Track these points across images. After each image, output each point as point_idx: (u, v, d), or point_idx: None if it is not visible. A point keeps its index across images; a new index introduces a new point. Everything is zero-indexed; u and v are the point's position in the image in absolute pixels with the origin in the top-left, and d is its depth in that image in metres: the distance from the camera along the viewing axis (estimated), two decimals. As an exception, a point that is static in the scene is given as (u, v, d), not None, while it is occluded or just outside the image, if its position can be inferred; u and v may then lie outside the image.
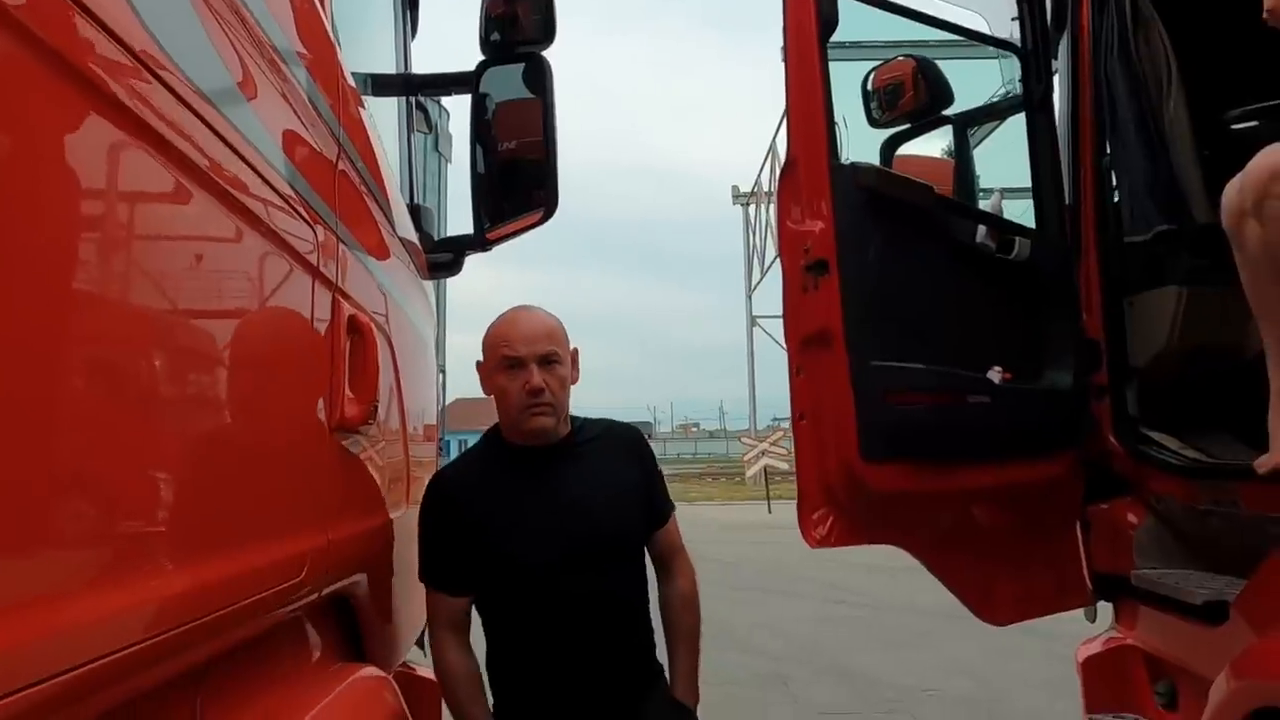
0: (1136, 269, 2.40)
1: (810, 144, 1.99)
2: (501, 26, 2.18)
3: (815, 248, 1.95)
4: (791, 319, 2.00)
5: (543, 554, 1.72)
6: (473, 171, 2.25)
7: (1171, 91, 2.34)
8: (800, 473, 2.04)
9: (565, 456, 1.81)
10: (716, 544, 13.08)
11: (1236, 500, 2.06)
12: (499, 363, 1.77)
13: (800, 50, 1.99)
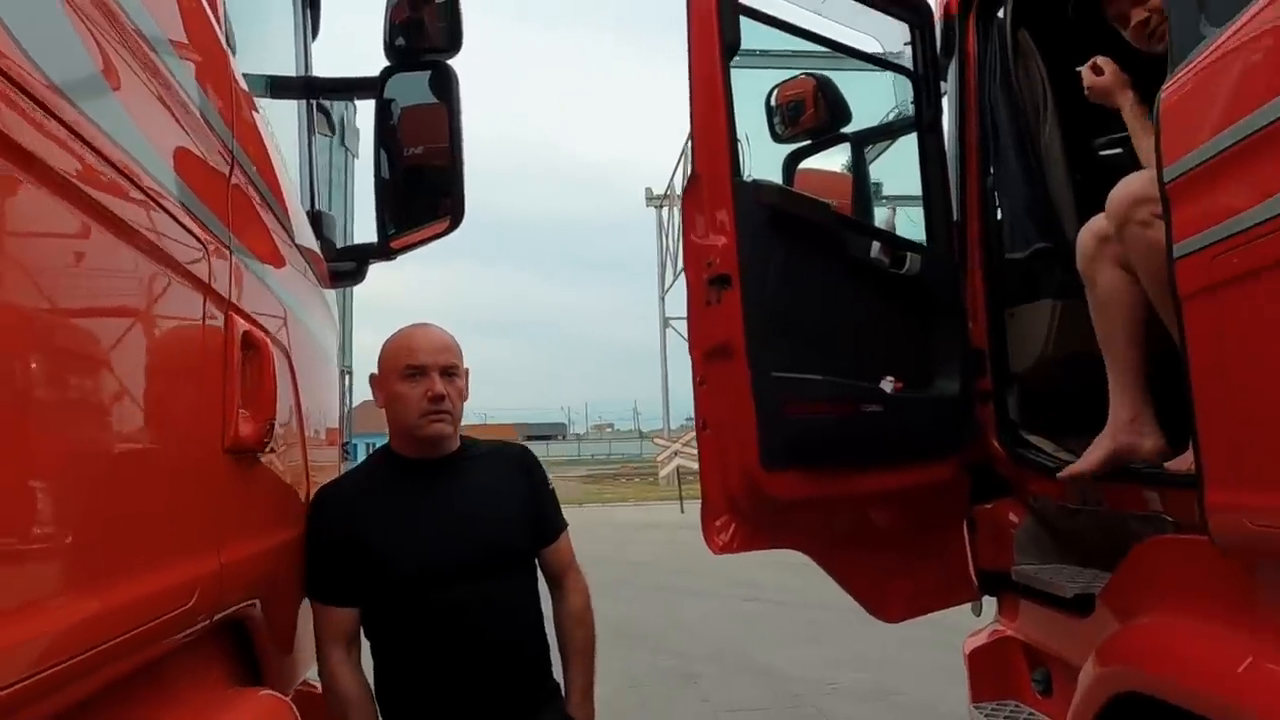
0: (1016, 283, 2.56)
1: (714, 161, 2.05)
2: (407, 32, 2.15)
3: (718, 262, 2.01)
4: (695, 331, 2.06)
5: (425, 565, 1.73)
6: (376, 178, 2.21)
7: (1047, 118, 2.51)
8: (704, 481, 2.10)
9: (453, 470, 1.84)
10: (630, 545, 13.17)
11: (1101, 500, 2.23)
12: (401, 371, 1.80)
13: (704, 71, 2.05)
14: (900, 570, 2.56)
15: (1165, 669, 1.60)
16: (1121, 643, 1.76)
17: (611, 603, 8.48)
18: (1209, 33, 1.47)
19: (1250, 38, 1.36)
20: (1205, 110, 1.47)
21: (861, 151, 2.90)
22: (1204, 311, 1.48)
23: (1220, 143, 1.40)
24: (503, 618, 1.78)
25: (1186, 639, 1.61)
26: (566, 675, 1.89)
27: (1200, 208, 1.46)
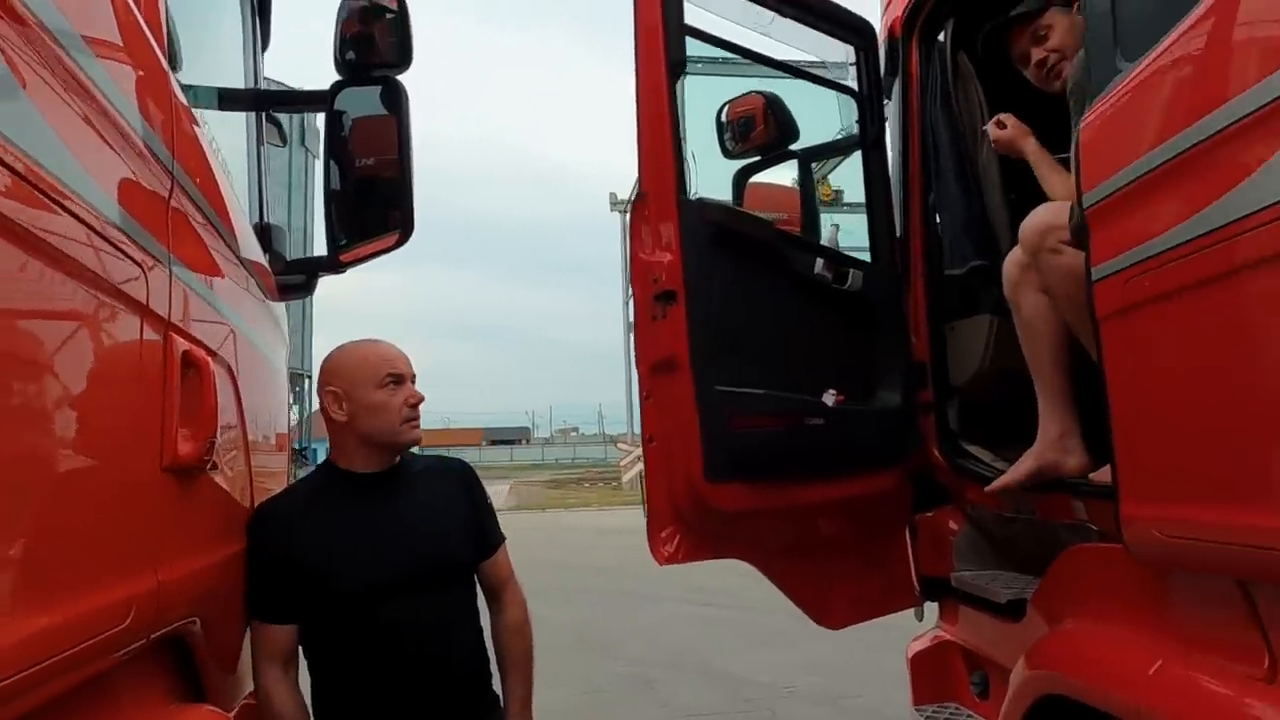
0: (955, 298, 2.65)
1: (660, 179, 2.09)
2: (357, 46, 2.17)
3: (664, 278, 2.05)
4: (642, 346, 2.10)
5: (364, 579, 1.74)
6: (326, 190, 2.22)
7: (984, 140, 2.60)
8: (650, 493, 2.14)
9: (394, 485, 1.86)
10: (591, 550, 13.16)
11: (1034, 509, 2.31)
12: (381, 380, 1.83)
13: (650, 90, 2.09)
14: (843, 577, 2.62)
15: (1082, 673, 1.67)
16: (1045, 647, 1.83)
17: (573, 609, 8.51)
18: (1123, 67, 1.55)
19: (1160, 72, 1.44)
20: (1120, 141, 1.55)
21: (809, 168, 2.97)
22: (1120, 332, 1.56)
23: (1133, 172, 1.47)
24: (442, 631, 1.80)
25: (1102, 644, 1.69)
26: (505, 687, 1.91)
27: (1116, 233, 1.54)
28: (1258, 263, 1.20)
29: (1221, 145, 1.26)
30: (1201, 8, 1.31)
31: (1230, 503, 1.30)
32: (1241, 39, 1.26)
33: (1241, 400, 1.27)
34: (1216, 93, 1.27)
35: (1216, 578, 1.42)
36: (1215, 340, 1.32)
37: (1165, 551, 1.49)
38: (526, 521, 18.52)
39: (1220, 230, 1.26)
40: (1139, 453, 1.52)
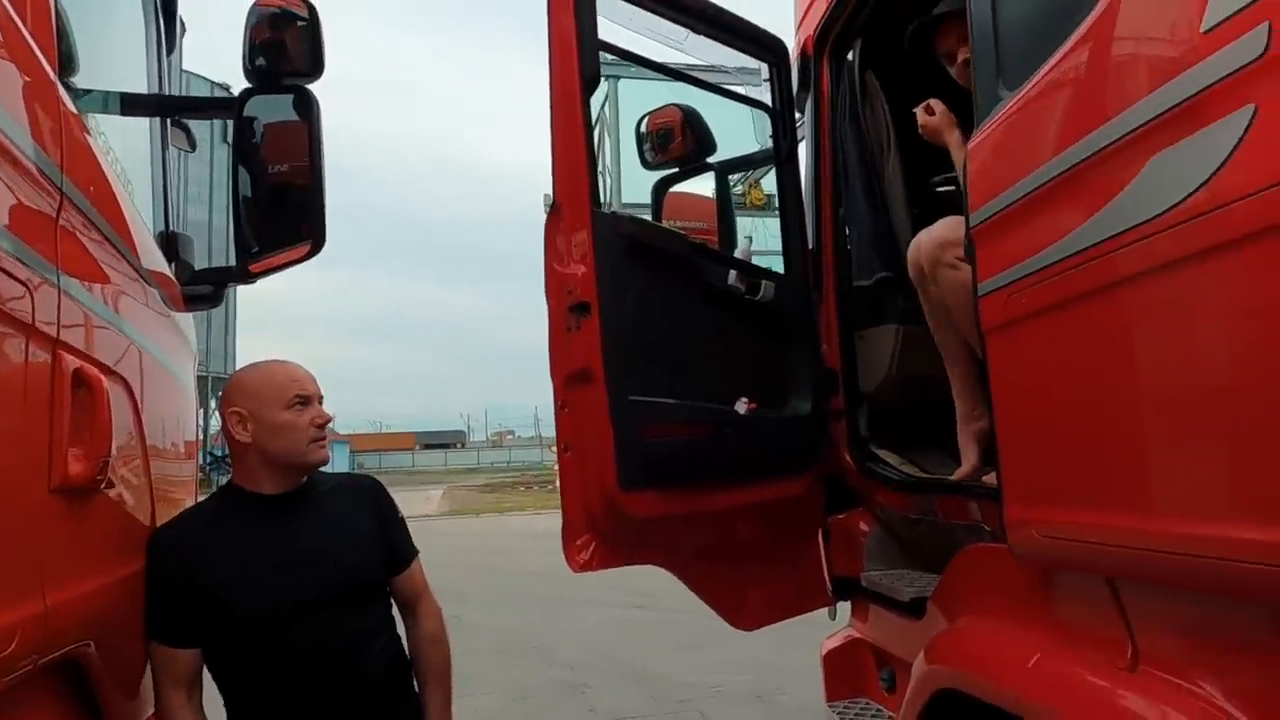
0: (864, 308, 2.75)
1: (574, 192, 2.12)
2: (267, 54, 2.13)
3: (578, 290, 2.08)
4: (556, 357, 2.12)
5: (273, 601, 1.72)
6: (236, 197, 2.18)
7: (890, 156, 2.71)
8: (565, 501, 2.16)
9: (301, 505, 1.84)
10: (525, 554, 13.09)
11: (936, 510, 2.42)
12: (290, 401, 1.81)
13: (564, 105, 2.12)
14: (758, 579, 2.69)
15: (970, 667, 1.76)
16: (940, 643, 1.92)
17: (506, 614, 8.46)
18: (1004, 95, 1.65)
19: (1037, 100, 1.53)
20: (1000, 165, 1.64)
21: (726, 180, 3.04)
22: (1003, 345, 1.65)
23: (1012, 195, 1.57)
24: (358, 648, 1.79)
25: (989, 639, 1.79)
26: (423, 698, 1.91)
27: (999, 251, 1.63)
28: (1123, 280, 1.30)
29: (1088, 171, 1.35)
30: (1070, 42, 1.41)
31: (1098, 506, 1.39)
32: (1107, 73, 1.36)
33: (1108, 411, 1.36)
34: (1083, 123, 1.36)
35: (1089, 576, 1.52)
36: (1085, 353, 1.41)
37: (1044, 551, 1.59)
38: (461, 527, 18.30)
39: (1089, 250, 1.35)
40: (1020, 459, 1.62)
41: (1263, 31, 1.01)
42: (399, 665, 1.89)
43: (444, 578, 2.02)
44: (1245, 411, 1.11)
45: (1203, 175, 1.11)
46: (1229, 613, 1.24)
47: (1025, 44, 1.61)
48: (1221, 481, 1.17)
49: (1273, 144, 1.01)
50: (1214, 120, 1.09)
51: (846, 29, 2.75)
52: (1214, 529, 1.15)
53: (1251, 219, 1.04)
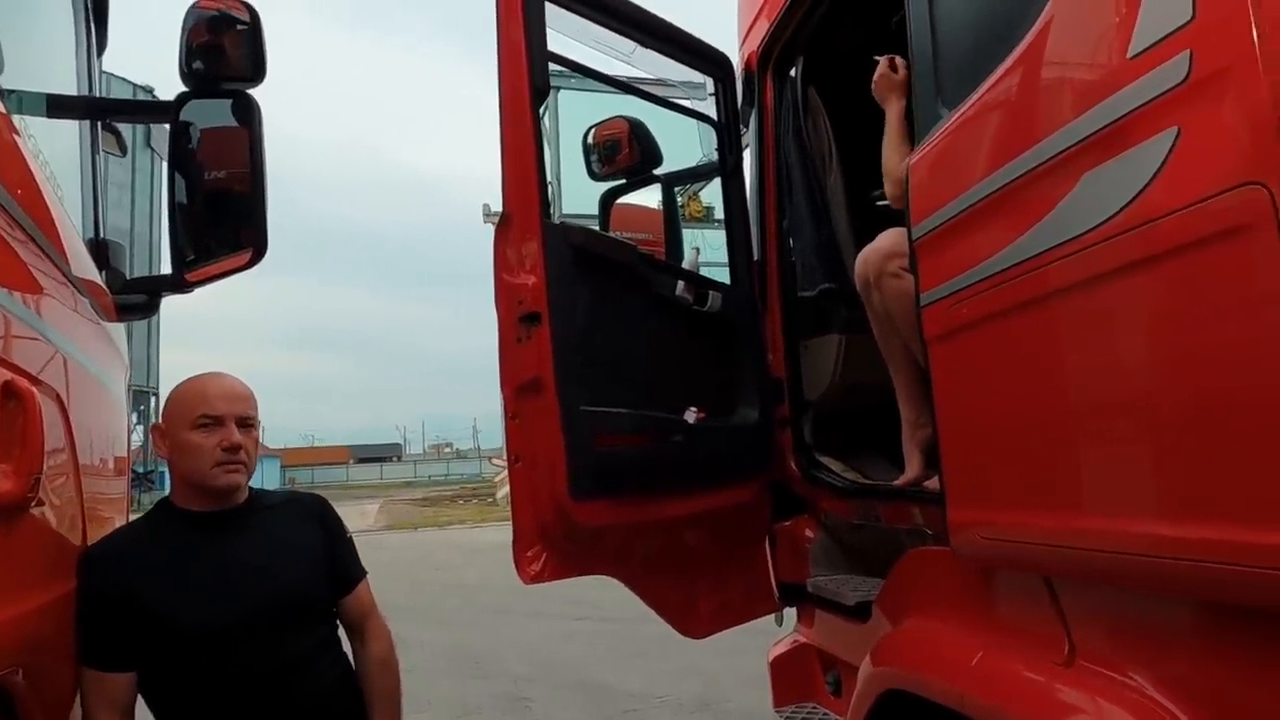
0: (808, 318, 2.81)
1: (524, 202, 2.12)
2: (205, 57, 2.07)
3: (528, 300, 2.08)
4: (506, 367, 2.11)
5: (211, 622, 1.66)
6: (172, 204, 2.11)
7: (832, 169, 2.78)
8: (515, 513, 2.15)
9: (241, 523, 1.78)
10: (465, 568, 12.90)
11: (880, 516, 2.48)
12: (195, 420, 1.72)
13: (514, 116, 2.12)
14: (707, 587, 2.71)
15: (915, 667, 1.81)
16: (885, 645, 1.97)
17: (447, 629, 8.32)
18: (944, 113, 1.72)
19: (975, 119, 1.59)
20: (941, 179, 1.71)
21: (673, 191, 3.07)
22: (944, 353, 1.71)
23: (953, 208, 1.63)
24: (301, 671, 1.74)
25: (933, 639, 1.84)
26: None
27: (940, 263, 1.69)
28: (1057, 292, 1.36)
29: (1024, 187, 1.41)
30: (1007, 64, 1.47)
31: (1035, 508, 1.45)
32: (1041, 94, 1.43)
33: (1044, 416, 1.43)
34: (1019, 141, 1.43)
35: (1027, 575, 1.58)
36: (1022, 362, 1.48)
37: (986, 552, 1.64)
38: (398, 541, 17.93)
39: (1025, 262, 1.41)
40: (962, 463, 1.67)
41: (1184, 59, 1.08)
42: (345, 686, 1.84)
43: (381, 593, 1.98)
44: (1169, 415, 1.17)
45: (1131, 193, 1.17)
46: (1156, 607, 1.31)
47: (963, 65, 1.67)
48: (1147, 483, 1.24)
49: (1195, 164, 1.08)
50: (1141, 141, 1.15)
51: (789, 46, 2.82)
52: (1140, 528, 1.21)
53: (1176, 234, 1.11)
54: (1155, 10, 1.12)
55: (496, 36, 2.14)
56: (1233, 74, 1.02)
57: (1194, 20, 1.07)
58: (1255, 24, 1.00)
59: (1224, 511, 1.08)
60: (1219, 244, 1.05)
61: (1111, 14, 1.23)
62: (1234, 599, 1.14)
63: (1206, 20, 1.06)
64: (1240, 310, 1.04)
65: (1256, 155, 0.99)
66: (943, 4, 1.73)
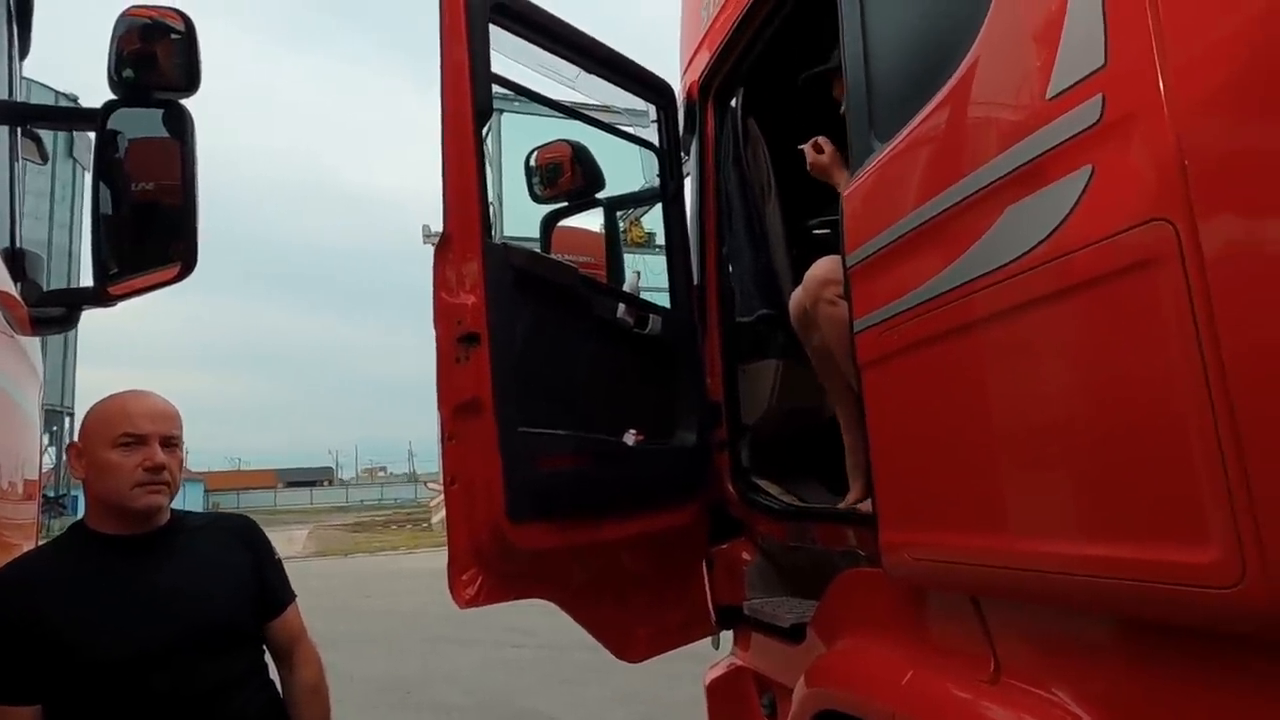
0: (746, 343, 2.85)
1: (464, 222, 2.11)
2: (136, 65, 2.02)
3: (467, 321, 2.06)
4: (444, 388, 2.08)
5: (126, 649, 1.59)
6: (95, 216, 2.04)
7: (771, 198, 2.85)
8: (451, 536, 2.11)
9: (163, 546, 1.72)
10: (398, 595, 12.59)
11: (814, 538, 2.52)
12: (115, 439, 1.65)
13: (456, 136, 2.11)
14: (644, 611, 2.71)
15: (847, 687, 1.84)
16: (819, 666, 2.00)
17: (379, 659, 8.09)
18: (877, 146, 1.78)
19: (906, 153, 1.65)
20: (874, 210, 1.76)
21: (614, 215, 3.10)
22: (876, 378, 1.76)
23: (885, 238, 1.68)
24: (223, 699, 1.67)
25: (865, 660, 1.87)
26: None
27: (872, 290, 1.74)
28: (981, 320, 1.41)
29: (951, 219, 1.47)
30: (935, 101, 1.54)
31: (962, 529, 1.50)
32: (967, 131, 1.49)
33: (969, 440, 1.47)
34: (946, 175, 1.48)
35: (955, 595, 1.62)
36: (948, 387, 1.53)
37: (915, 573, 1.68)
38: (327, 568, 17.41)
39: (952, 291, 1.46)
40: (893, 486, 1.72)
41: (1098, 102, 1.14)
42: (272, 715, 1.77)
43: (309, 622, 1.92)
44: (1083, 440, 1.23)
45: (1049, 227, 1.23)
46: (1076, 624, 1.36)
47: (894, 100, 1.74)
48: (1065, 503, 1.29)
49: (1107, 201, 1.14)
50: (1058, 178, 1.22)
51: (730, 77, 2.88)
52: (1060, 547, 1.26)
53: (1090, 267, 1.17)
54: (1071, 55, 1.19)
55: (440, 56, 2.14)
56: (1141, 117, 1.09)
57: (1106, 66, 1.13)
58: (1161, 71, 1.07)
59: (1134, 531, 1.14)
60: (1129, 277, 1.11)
61: (1032, 57, 1.29)
62: (1146, 615, 1.19)
63: (1118, 66, 1.13)
64: (1148, 340, 1.09)
65: (1163, 193, 1.05)
66: (876, 41, 1.80)
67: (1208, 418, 1.00)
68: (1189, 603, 1.06)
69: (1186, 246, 1.02)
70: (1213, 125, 1.03)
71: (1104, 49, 1.14)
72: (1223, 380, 0.99)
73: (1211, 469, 1.01)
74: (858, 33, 1.83)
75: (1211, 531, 1.01)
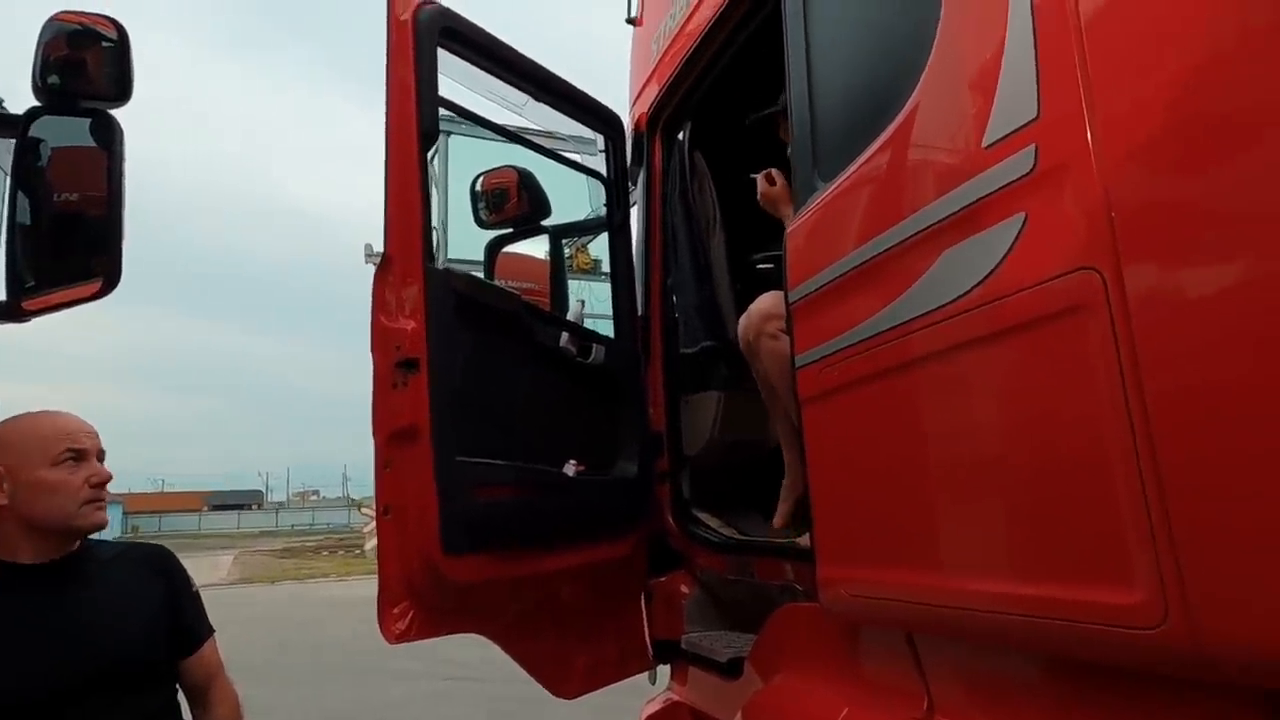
0: (689, 374, 2.86)
1: (406, 245, 2.07)
2: (63, 73, 1.94)
3: (406, 346, 2.02)
4: (380, 414, 2.03)
5: (33, 683, 1.50)
6: (10, 227, 1.94)
7: (715, 232, 2.87)
8: (382, 567, 2.04)
9: (71, 577, 1.63)
10: (326, 625, 12.18)
11: (754, 571, 2.52)
12: (57, 457, 1.60)
13: (400, 158, 2.08)
14: (581, 645, 2.66)
15: (784, 725, 1.83)
16: (754, 702, 1.98)
17: (305, 692, 7.79)
18: (820, 185, 1.81)
19: (848, 193, 1.68)
20: (816, 247, 1.79)
21: (559, 243, 3.08)
22: (816, 414, 1.77)
23: (826, 275, 1.70)
24: None
25: (799, 696, 1.87)
26: None
27: (814, 327, 1.76)
28: (918, 360, 1.43)
29: (891, 260, 1.50)
30: (877, 144, 1.57)
31: (897, 566, 1.51)
32: (907, 174, 1.53)
33: (905, 478, 1.49)
34: (887, 217, 1.51)
35: (890, 632, 1.63)
36: (885, 425, 1.54)
37: (852, 609, 1.69)
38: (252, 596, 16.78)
39: (891, 330, 1.48)
40: (831, 521, 1.72)
41: (1031, 152, 1.18)
42: None
43: (231, 653, 1.84)
44: (1012, 480, 1.25)
45: (984, 271, 1.26)
46: (1007, 662, 1.37)
47: (838, 141, 1.77)
48: (995, 542, 1.31)
49: (1039, 248, 1.18)
50: (993, 224, 1.25)
51: (678, 111, 2.91)
52: (990, 586, 1.28)
53: (1022, 312, 1.20)
54: (1006, 106, 1.23)
55: (386, 77, 2.11)
56: (1071, 168, 1.13)
57: (1039, 118, 1.17)
58: (1089, 125, 1.11)
59: (1064, 571, 1.16)
60: (1058, 322, 1.14)
61: (970, 105, 1.33)
62: (1077, 655, 1.21)
63: (1049, 119, 1.17)
64: (1077, 384, 1.12)
65: (1091, 242, 1.09)
66: (821, 81, 1.84)
67: (1132, 461, 1.03)
68: (1116, 643, 1.08)
69: (1113, 294, 1.05)
70: (1137, 177, 1.07)
71: (1037, 101, 1.18)
72: (1146, 424, 1.02)
73: (1135, 510, 1.03)
74: (803, 72, 1.87)
75: (1136, 572, 1.04)
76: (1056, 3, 1.15)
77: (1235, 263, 0.96)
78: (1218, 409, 0.96)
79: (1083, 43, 1.12)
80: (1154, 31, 1.05)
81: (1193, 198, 1.01)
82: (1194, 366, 0.99)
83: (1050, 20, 1.16)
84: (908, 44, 1.49)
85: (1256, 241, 0.93)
